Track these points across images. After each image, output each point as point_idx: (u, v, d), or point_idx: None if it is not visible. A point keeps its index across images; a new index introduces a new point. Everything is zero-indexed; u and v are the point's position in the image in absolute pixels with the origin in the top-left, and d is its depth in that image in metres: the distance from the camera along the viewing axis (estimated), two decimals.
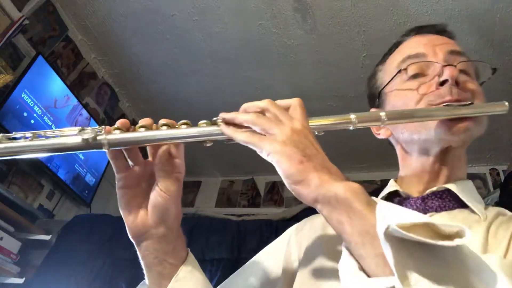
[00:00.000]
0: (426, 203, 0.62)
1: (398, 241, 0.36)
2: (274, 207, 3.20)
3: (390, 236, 0.36)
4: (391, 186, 0.68)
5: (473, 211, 0.59)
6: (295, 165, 0.45)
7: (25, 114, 1.99)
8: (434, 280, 0.35)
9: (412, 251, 0.37)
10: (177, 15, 2.26)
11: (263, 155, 0.48)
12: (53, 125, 2.17)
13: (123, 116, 2.94)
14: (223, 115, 0.52)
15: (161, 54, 2.52)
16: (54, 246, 1.99)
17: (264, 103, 0.52)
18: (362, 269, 0.40)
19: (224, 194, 3.46)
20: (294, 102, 0.53)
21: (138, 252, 0.56)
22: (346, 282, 0.41)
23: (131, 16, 2.31)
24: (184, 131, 0.51)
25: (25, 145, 0.49)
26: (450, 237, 0.36)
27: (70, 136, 0.49)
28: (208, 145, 0.53)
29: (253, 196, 3.37)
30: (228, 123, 0.52)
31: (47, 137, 0.50)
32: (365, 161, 3.15)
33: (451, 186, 0.61)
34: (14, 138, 0.51)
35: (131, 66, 2.66)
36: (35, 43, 2.18)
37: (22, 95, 1.98)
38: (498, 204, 2.04)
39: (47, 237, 1.97)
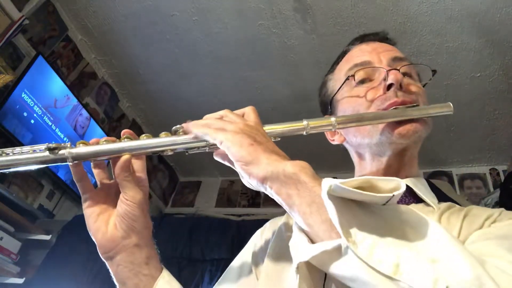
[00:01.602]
0: None
1: (340, 201, 0.39)
2: (274, 207, 3.18)
3: (333, 196, 0.39)
4: None
5: (428, 204, 0.62)
6: (246, 147, 0.48)
7: (25, 114, 1.99)
8: (376, 233, 0.38)
9: (354, 210, 0.39)
10: (177, 15, 2.26)
11: (218, 144, 0.51)
12: (53, 125, 2.17)
13: (123, 116, 2.95)
14: (184, 125, 0.56)
15: (161, 54, 2.52)
16: (54, 246, 1.99)
17: (222, 112, 0.56)
18: (311, 242, 0.42)
19: (224, 194, 3.46)
20: (247, 109, 0.57)
21: (110, 270, 0.57)
22: (297, 254, 0.43)
23: (131, 16, 2.31)
24: (144, 142, 0.54)
25: None
26: (388, 191, 0.39)
27: (38, 152, 0.51)
28: (169, 153, 0.55)
29: (253, 196, 3.37)
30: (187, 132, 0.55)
31: (14, 153, 0.52)
32: None
33: (407, 182, 0.64)
34: None
35: (131, 66, 2.66)
36: (35, 43, 2.18)
37: (22, 95, 1.97)
38: (498, 204, 2.04)
39: (47, 237, 1.97)
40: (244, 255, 0.71)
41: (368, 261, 0.36)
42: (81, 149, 0.52)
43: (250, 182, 0.49)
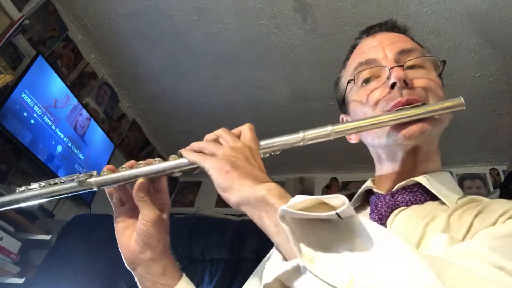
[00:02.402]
0: (396, 198, 0.63)
1: (295, 222, 0.41)
2: None
3: (284, 218, 0.41)
4: (366, 186, 0.71)
5: (443, 202, 0.60)
6: (222, 175, 0.51)
7: (25, 114, 1.99)
8: (330, 250, 0.39)
9: (310, 229, 0.41)
10: (177, 15, 2.26)
11: (207, 171, 0.54)
12: (53, 125, 2.17)
13: (123, 116, 2.95)
14: (187, 148, 0.60)
15: (161, 54, 2.52)
16: (54, 246, 1.99)
17: (218, 131, 0.59)
18: (284, 259, 0.44)
19: None
20: (244, 128, 0.59)
21: (136, 279, 0.62)
22: (265, 275, 0.45)
23: (131, 16, 2.31)
24: (156, 166, 0.59)
25: (30, 195, 0.64)
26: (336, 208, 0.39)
27: (68, 182, 0.61)
28: (177, 175, 0.60)
29: None
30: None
31: (50, 185, 0.63)
32: (365, 161, 3.15)
33: (420, 179, 0.63)
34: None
35: (131, 66, 2.66)
36: (35, 43, 2.18)
37: (22, 95, 1.97)
38: None
39: (47, 237, 1.97)
40: (261, 268, 0.70)
41: (324, 278, 0.37)
42: (105, 177, 0.60)
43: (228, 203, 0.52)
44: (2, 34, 1.88)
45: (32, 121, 2.03)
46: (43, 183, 0.62)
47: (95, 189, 0.60)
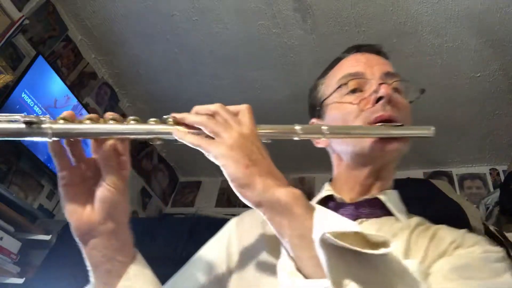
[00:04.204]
0: (358, 210, 0.67)
1: (331, 248, 0.41)
2: None
3: (325, 243, 0.41)
4: (327, 190, 0.74)
5: (398, 219, 0.66)
6: (242, 169, 0.48)
7: (25, 114, 1.98)
8: (362, 283, 0.40)
9: (344, 257, 0.41)
10: (177, 15, 2.26)
11: (211, 157, 0.50)
12: None
13: (123, 116, 2.94)
14: (174, 115, 0.54)
15: (161, 54, 2.52)
16: (54, 246, 1.99)
17: (214, 107, 0.54)
18: (298, 269, 0.44)
19: (224, 194, 3.46)
20: (243, 108, 0.55)
21: (83, 252, 0.55)
22: (284, 281, 0.45)
23: (131, 16, 2.31)
24: (132, 126, 0.52)
25: None
26: (377, 245, 0.42)
27: (14, 121, 0.47)
28: (157, 143, 0.54)
29: None
30: (178, 123, 0.53)
31: None
32: None
33: (381, 196, 0.68)
34: None
35: (131, 66, 2.66)
36: (35, 43, 2.18)
37: (22, 95, 1.97)
38: (498, 204, 2.04)
39: (47, 237, 1.97)
40: (216, 248, 0.70)
41: None
42: (65, 126, 0.49)
43: (243, 200, 0.50)
44: (2, 34, 1.88)
45: None
46: None
47: (47, 139, 0.48)
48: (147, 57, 2.57)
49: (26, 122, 0.46)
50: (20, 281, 1.79)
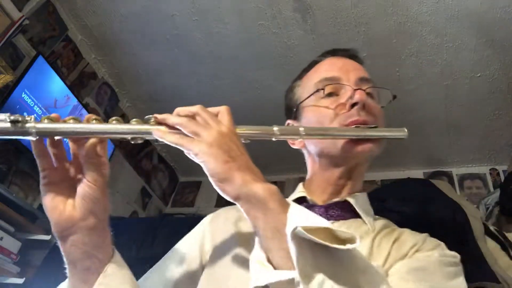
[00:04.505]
0: (327, 212, 0.70)
1: (302, 241, 0.43)
2: None
3: (296, 236, 0.43)
4: (300, 192, 0.76)
5: (364, 222, 0.69)
6: (221, 164, 0.51)
7: (25, 114, 1.98)
8: (328, 276, 0.43)
9: (313, 250, 0.44)
10: (177, 15, 2.26)
11: (191, 156, 0.53)
12: None
13: (123, 116, 2.94)
14: (156, 115, 0.56)
15: (161, 54, 2.52)
16: (54, 246, 1.99)
17: (195, 108, 0.56)
18: (269, 261, 0.47)
19: None
20: (222, 109, 0.58)
21: (62, 248, 0.56)
22: (255, 271, 0.48)
23: (131, 16, 2.31)
24: (113, 126, 0.53)
25: None
26: (344, 241, 0.45)
27: (0, 120, 0.48)
28: (139, 141, 0.55)
29: None
30: (160, 123, 0.55)
31: None
32: None
33: (350, 199, 0.71)
34: None
35: (131, 66, 2.66)
36: (35, 43, 2.18)
37: (22, 95, 1.97)
38: (498, 204, 2.04)
39: (47, 237, 1.97)
40: (191, 243, 0.73)
41: None
42: (49, 125, 0.51)
43: (222, 195, 0.53)
44: (2, 34, 1.88)
45: None
46: None
47: (32, 137, 0.50)
48: (147, 57, 2.57)
49: (11, 121, 0.48)
50: (20, 281, 1.79)
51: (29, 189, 2.12)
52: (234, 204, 0.53)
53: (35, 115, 0.50)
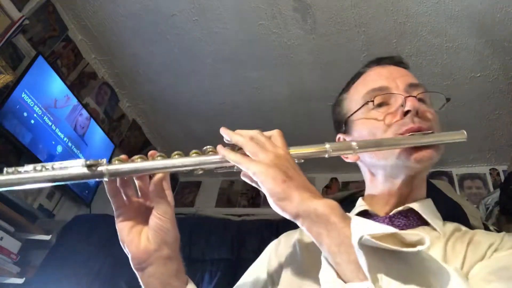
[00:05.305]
0: (393, 222, 0.68)
1: (370, 250, 0.43)
2: None
3: (363, 245, 0.43)
4: (361, 206, 0.75)
5: (434, 228, 0.67)
6: (279, 184, 0.51)
7: (25, 114, 1.99)
8: (401, 281, 0.42)
9: (382, 257, 0.43)
10: (177, 15, 2.26)
11: (250, 174, 0.55)
12: (53, 125, 2.17)
13: (123, 116, 2.95)
14: (223, 128, 0.60)
15: (161, 54, 2.52)
16: (54, 246, 1.99)
17: (253, 132, 0.59)
18: (339, 277, 0.46)
19: (224, 194, 3.46)
20: (275, 133, 0.60)
21: (140, 280, 0.59)
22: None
23: (131, 16, 2.31)
24: (177, 161, 0.56)
25: (33, 176, 0.53)
26: (412, 244, 0.43)
27: (75, 167, 0.53)
28: (200, 172, 0.58)
29: (253, 196, 3.37)
30: (215, 152, 0.58)
31: (54, 169, 0.53)
32: None
33: (415, 206, 0.69)
34: (20, 171, 0.55)
35: (131, 66, 2.66)
36: (35, 43, 2.18)
37: (22, 95, 1.97)
38: (498, 204, 2.04)
39: (47, 237, 1.97)
40: (259, 269, 0.75)
41: None
42: (119, 166, 0.55)
43: (281, 214, 0.53)
44: (2, 34, 1.88)
45: (32, 121, 2.03)
46: (38, 166, 0.53)
47: (105, 178, 0.55)
48: (147, 57, 2.57)
49: (87, 166, 0.53)
50: (20, 281, 1.79)
51: (29, 189, 2.12)
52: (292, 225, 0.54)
53: (106, 159, 0.54)
